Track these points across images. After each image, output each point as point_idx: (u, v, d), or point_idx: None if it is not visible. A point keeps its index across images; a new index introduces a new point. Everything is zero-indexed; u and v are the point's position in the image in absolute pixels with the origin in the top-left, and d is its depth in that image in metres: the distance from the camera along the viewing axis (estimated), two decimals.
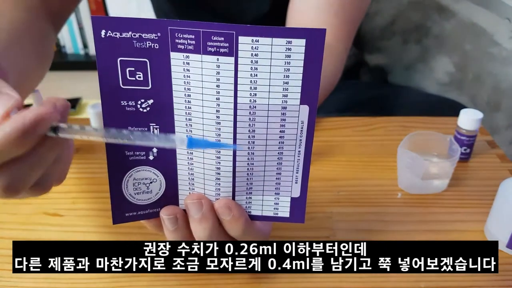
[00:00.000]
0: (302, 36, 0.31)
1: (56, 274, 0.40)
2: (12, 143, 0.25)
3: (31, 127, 0.25)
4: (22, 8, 0.47)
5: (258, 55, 0.31)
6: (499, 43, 0.93)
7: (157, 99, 0.33)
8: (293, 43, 0.31)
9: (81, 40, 1.59)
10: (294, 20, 0.60)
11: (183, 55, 0.31)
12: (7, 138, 0.25)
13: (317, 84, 0.32)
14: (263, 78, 0.32)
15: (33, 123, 0.25)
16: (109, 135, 0.28)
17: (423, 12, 1.04)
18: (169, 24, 0.31)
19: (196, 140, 0.31)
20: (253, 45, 0.31)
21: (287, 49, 0.31)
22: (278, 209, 0.37)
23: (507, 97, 0.96)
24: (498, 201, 0.43)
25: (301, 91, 0.32)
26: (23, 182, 0.28)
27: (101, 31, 0.30)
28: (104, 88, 0.32)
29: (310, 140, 0.34)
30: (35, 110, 0.25)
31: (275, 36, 0.31)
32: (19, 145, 0.25)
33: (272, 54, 0.31)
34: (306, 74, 0.32)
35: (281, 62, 0.31)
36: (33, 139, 0.26)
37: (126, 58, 0.31)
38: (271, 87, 0.32)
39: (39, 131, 0.26)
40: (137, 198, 0.35)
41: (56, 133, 0.27)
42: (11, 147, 0.25)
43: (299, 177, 0.36)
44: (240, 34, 0.30)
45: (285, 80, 0.32)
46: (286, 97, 0.33)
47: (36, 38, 0.48)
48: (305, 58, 0.31)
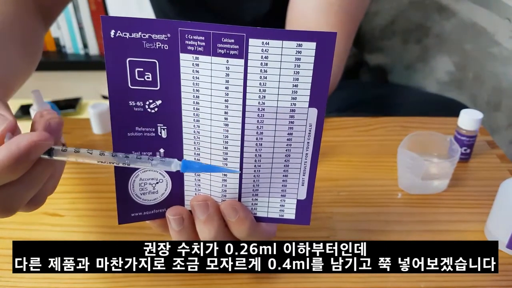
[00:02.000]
0: (312, 39, 0.30)
1: (56, 274, 0.40)
2: (6, 170, 0.25)
3: (25, 154, 0.25)
4: (10, 1, 0.47)
5: (268, 57, 0.31)
6: (499, 42, 0.93)
7: (165, 100, 0.33)
8: (304, 46, 0.31)
9: (81, 40, 1.59)
10: (294, 20, 0.60)
11: (193, 56, 0.31)
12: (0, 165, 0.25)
13: (326, 87, 0.32)
14: (272, 81, 0.32)
15: (27, 150, 0.25)
16: (104, 158, 0.29)
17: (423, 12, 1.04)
18: (179, 25, 0.30)
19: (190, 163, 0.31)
20: (263, 47, 0.31)
21: (297, 52, 0.31)
22: (283, 211, 0.37)
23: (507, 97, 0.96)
24: (498, 201, 0.43)
25: (310, 94, 0.32)
26: (18, 203, 0.28)
27: (110, 31, 0.30)
28: (112, 88, 0.32)
29: (317, 142, 0.34)
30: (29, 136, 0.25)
31: (285, 39, 0.30)
32: (13, 171, 0.26)
33: (282, 57, 0.31)
34: (315, 77, 0.32)
35: (291, 65, 0.31)
36: (27, 165, 0.26)
37: (135, 59, 0.31)
38: (280, 89, 0.32)
39: (32, 157, 0.26)
40: (143, 199, 0.35)
41: (51, 155, 0.28)
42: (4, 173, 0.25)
43: (305, 180, 0.36)
44: (250, 36, 0.30)
45: (294, 83, 0.32)
46: (295, 100, 0.32)
47: (24, 32, 0.47)
48: (315, 61, 0.31)
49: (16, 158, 0.25)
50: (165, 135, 0.34)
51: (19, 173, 0.26)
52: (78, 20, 1.54)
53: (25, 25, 0.48)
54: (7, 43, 0.42)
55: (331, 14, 0.57)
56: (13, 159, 0.25)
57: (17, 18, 0.47)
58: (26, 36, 0.48)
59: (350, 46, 0.62)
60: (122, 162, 0.29)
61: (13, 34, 0.44)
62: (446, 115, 0.65)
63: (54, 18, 0.57)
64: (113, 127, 0.33)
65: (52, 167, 0.29)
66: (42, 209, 0.49)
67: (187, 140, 0.34)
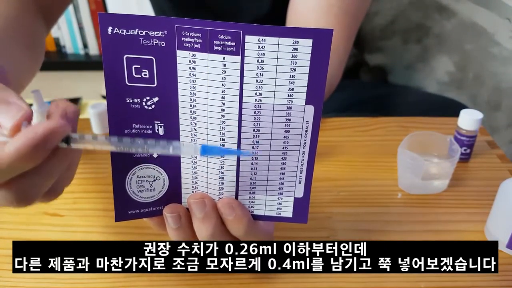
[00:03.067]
0: (309, 36, 0.31)
1: (56, 274, 0.40)
2: (23, 158, 0.25)
3: (42, 141, 0.25)
4: (12, 2, 0.47)
5: (264, 54, 0.31)
6: (499, 42, 0.93)
7: (162, 96, 0.33)
8: (300, 43, 0.31)
9: (81, 40, 1.59)
10: (293, 21, 0.60)
11: (190, 53, 0.31)
12: (18, 153, 0.24)
13: (323, 85, 0.32)
14: (269, 78, 0.32)
15: (44, 138, 0.25)
16: (122, 145, 0.28)
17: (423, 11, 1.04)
18: (176, 22, 0.31)
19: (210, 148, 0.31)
20: (260, 44, 0.31)
21: (294, 49, 0.31)
22: (281, 209, 0.37)
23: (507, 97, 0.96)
24: (498, 201, 0.43)
25: (307, 91, 0.32)
26: (36, 193, 0.28)
27: (107, 28, 0.30)
28: (109, 85, 0.32)
29: (314, 140, 0.34)
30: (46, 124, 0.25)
31: (282, 36, 0.30)
32: (31, 159, 0.25)
33: (278, 53, 0.31)
34: (312, 74, 0.32)
35: (287, 62, 0.31)
36: (44, 153, 0.26)
37: (132, 55, 0.31)
38: (277, 86, 0.32)
39: (50, 145, 0.26)
40: (140, 196, 0.35)
41: (68, 143, 0.27)
42: (22, 161, 0.25)
43: (302, 177, 0.36)
44: (247, 33, 0.30)
45: (291, 80, 0.32)
46: (291, 97, 0.32)
47: (27, 33, 0.48)
48: (311, 58, 0.31)
49: (34, 145, 0.24)
50: (162, 132, 0.34)
51: (36, 162, 0.26)
52: (78, 20, 1.55)
53: (27, 26, 0.48)
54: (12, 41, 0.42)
55: (331, 15, 0.57)
56: (31, 146, 0.24)
57: (23, 19, 0.47)
58: (28, 37, 0.48)
59: (350, 47, 0.62)
60: (142, 148, 0.28)
61: (16, 33, 0.44)
62: (446, 115, 0.65)
63: (55, 19, 0.57)
64: (110, 124, 0.33)
65: (70, 157, 0.28)
66: (42, 209, 0.49)
67: (184, 137, 0.34)
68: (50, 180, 0.28)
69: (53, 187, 0.29)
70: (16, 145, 0.24)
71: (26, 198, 0.28)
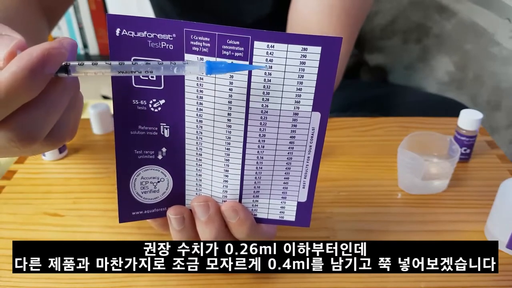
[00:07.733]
0: (318, 44, 0.30)
1: (56, 274, 0.40)
2: (21, 84, 0.23)
3: (39, 64, 0.23)
4: (16, 1, 0.47)
5: (272, 60, 0.31)
6: (499, 42, 0.93)
7: (169, 99, 0.33)
8: (309, 50, 0.31)
9: (81, 40, 1.59)
10: (295, 23, 0.60)
11: (197, 57, 0.31)
12: (14, 78, 0.23)
13: (330, 92, 0.32)
14: (276, 84, 0.32)
15: (41, 60, 0.23)
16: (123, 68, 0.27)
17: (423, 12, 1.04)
18: (185, 26, 0.30)
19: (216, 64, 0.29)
20: (268, 50, 0.31)
21: (302, 56, 0.31)
22: (284, 213, 0.37)
23: (507, 97, 0.96)
24: (498, 201, 0.43)
25: (314, 98, 0.32)
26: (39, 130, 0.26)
27: (115, 29, 0.30)
28: (116, 86, 0.32)
29: (320, 146, 0.34)
30: (42, 45, 0.23)
31: (290, 43, 0.30)
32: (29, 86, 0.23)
33: (287, 60, 0.31)
34: (319, 81, 0.32)
35: (295, 68, 0.31)
36: (43, 80, 0.24)
37: (139, 58, 0.31)
38: (284, 92, 0.32)
39: (48, 69, 0.24)
40: (144, 197, 0.35)
41: (68, 72, 0.25)
42: (20, 89, 0.23)
43: (306, 182, 0.36)
44: (256, 39, 0.30)
45: (298, 87, 0.32)
46: (298, 103, 0.32)
47: (31, 32, 0.48)
48: (319, 65, 0.31)
49: (30, 69, 0.23)
50: (168, 135, 0.34)
51: (35, 90, 0.24)
52: (78, 20, 1.54)
53: (33, 25, 0.49)
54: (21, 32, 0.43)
55: (333, 16, 0.57)
56: (28, 69, 0.23)
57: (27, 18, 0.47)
58: (34, 36, 0.48)
59: (351, 48, 0.62)
60: (145, 70, 0.27)
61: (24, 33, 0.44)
62: (446, 115, 0.65)
63: (57, 19, 0.57)
64: (116, 124, 0.33)
65: (72, 89, 0.27)
66: (42, 209, 0.49)
67: (190, 140, 0.34)
68: (52, 115, 0.26)
69: (58, 128, 0.28)
70: (12, 69, 0.23)
71: (28, 135, 0.25)
